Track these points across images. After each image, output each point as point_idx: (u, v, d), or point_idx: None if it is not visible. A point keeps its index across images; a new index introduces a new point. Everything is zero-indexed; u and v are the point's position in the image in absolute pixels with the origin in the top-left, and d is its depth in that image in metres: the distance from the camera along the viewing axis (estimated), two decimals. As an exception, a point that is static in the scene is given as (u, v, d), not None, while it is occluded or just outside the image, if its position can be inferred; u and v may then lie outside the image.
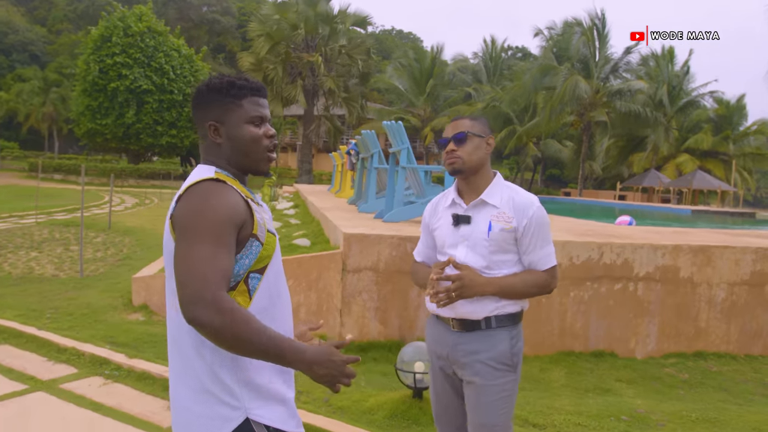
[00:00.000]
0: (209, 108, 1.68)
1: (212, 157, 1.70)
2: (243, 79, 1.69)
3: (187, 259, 1.45)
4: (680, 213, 21.44)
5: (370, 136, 8.85)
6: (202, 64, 39.72)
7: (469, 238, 2.31)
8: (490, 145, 2.38)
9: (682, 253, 6.01)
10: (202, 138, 1.72)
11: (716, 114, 42.75)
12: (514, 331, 2.34)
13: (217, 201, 1.52)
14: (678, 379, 5.57)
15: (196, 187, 1.55)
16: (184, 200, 1.55)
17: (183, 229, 1.50)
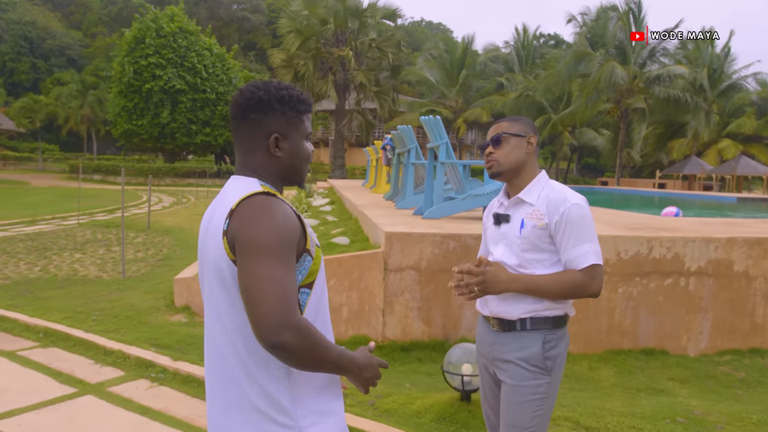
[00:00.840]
0: (271, 119, 1.59)
1: (260, 168, 1.61)
2: (302, 94, 1.65)
3: (262, 282, 1.36)
4: (725, 201, 20.84)
5: (407, 131, 8.74)
6: (233, 62, 40.06)
7: (506, 236, 2.31)
8: (531, 144, 2.34)
9: (737, 245, 5.77)
10: (252, 148, 1.61)
11: (759, 96, 41.50)
12: (551, 335, 2.27)
13: (280, 217, 1.46)
14: (734, 378, 5.36)
15: (251, 202, 1.47)
16: (241, 216, 1.45)
17: (250, 247, 1.41)
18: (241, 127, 1.61)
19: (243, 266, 1.40)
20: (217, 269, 1.49)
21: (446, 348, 5.44)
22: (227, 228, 1.46)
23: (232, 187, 1.57)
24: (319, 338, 1.39)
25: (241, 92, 1.61)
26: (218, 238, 1.48)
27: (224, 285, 1.49)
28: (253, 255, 1.39)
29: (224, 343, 1.52)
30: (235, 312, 1.49)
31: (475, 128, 46.17)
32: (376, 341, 5.47)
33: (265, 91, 1.58)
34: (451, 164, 7.00)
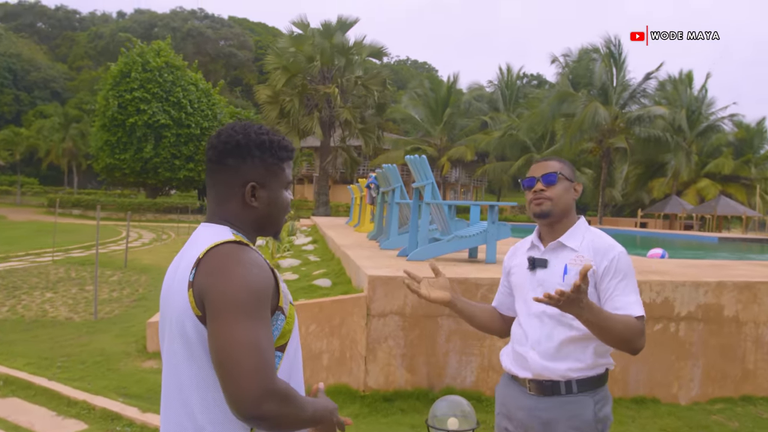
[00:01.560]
0: (249, 165, 1.45)
1: (232, 217, 1.46)
2: (284, 139, 1.51)
3: (238, 347, 1.22)
4: (707, 241, 20.91)
5: (392, 169, 8.62)
6: (219, 98, 40.12)
7: (543, 283, 2.11)
8: (577, 192, 2.21)
9: (726, 290, 5.65)
10: (227, 196, 1.46)
11: (736, 138, 42.28)
12: (599, 395, 2.09)
13: (254, 269, 1.32)
14: (728, 428, 5.17)
15: (220, 252, 1.33)
16: (210, 267, 1.30)
17: (222, 305, 1.26)
18: (216, 172, 1.47)
19: (215, 328, 1.25)
20: (179, 324, 1.34)
21: (431, 398, 5.21)
22: (193, 279, 1.31)
23: (201, 234, 1.43)
24: (298, 400, 1.30)
25: (218, 135, 1.48)
26: (183, 291, 1.33)
27: (186, 343, 1.33)
28: (226, 315, 1.24)
29: (180, 408, 1.35)
30: (195, 373, 1.33)
31: (459, 166, 46.49)
32: (358, 390, 5.23)
33: (244, 135, 1.45)
34: (436, 205, 6.86)
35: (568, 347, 2.07)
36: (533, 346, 2.11)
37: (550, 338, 2.08)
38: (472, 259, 7.18)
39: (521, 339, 2.17)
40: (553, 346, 2.07)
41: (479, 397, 5.19)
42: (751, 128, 43.31)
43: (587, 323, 1.92)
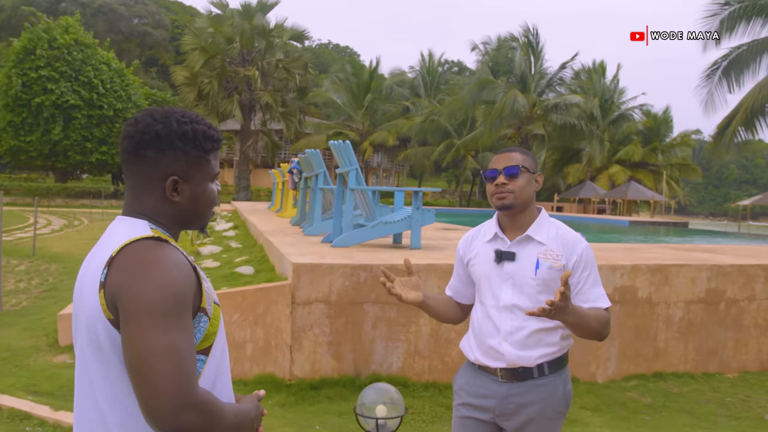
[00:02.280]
0: (170, 158, 1.32)
1: (151, 212, 1.34)
2: (210, 128, 1.37)
3: (154, 354, 1.10)
4: (619, 224, 21.89)
5: (315, 155, 8.49)
6: (133, 78, 38.41)
7: (514, 276, 2.14)
8: (538, 183, 2.24)
9: (641, 272, 5.90)
10: (145, 189, 1.33)
11: (645, 126, 44.36)
12: (564, 375, 2.20)
13: (173, 268, 1.20)
14: (642, 404, 5.42)
15: (135, 250, 1.21)
16: (123, 267, 1.19)
17: (136, 309, 1.14)
18: (133, 164, 1.33)
19: (129, 333, 1.13)
20: (90, 328, 1.21)
21: (357, 385, 5.18)
22: (105, 279, 1.19)
23: (116, 229, 1.31)
24: (220, 409, 1.18)
25: (135, 123, 1.33)
26: (94, 292, 1.21)
27: (98, 349, 1.21)
28: (140, 319, 1.13)
29: (94, 418, 1.23)
30: (109, 382, 1.21)
31: (381, 151, 46.59)
32: (284, 379, 5.13)
33: (164, 124, 1.31)
34: (361, 190, 6.79)
35: (540, 336, 2.13)
36: (506, 337, 2.14)
37: (522, 329, 2.13)
38: (397, 245, 7.18)
39: (492, 332, 2.17)
40: (525, 337, 2.12)
41: (406, 382, 5.20)
42: (658, 117, 45.55)
43: (569, 324, 2.02)
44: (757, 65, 19.76)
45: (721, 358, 6.27)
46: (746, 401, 5.61)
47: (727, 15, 19.59)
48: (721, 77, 20.04)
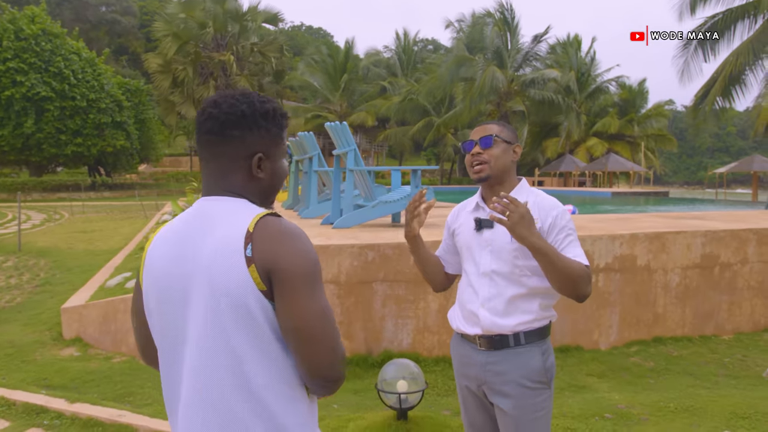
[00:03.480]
0: (255, 136, 1.38)
1: (240, 190, 1.39)
2: (281, 107, 1.45)
3: (320, 317, 1.27)
4: (602, 196, 22.19)
5: (308, 137, 8.47)
6: (105, 67, 37.63)
7: (492, 243, 2.17)
8: (516, 153, 2.26)
9: (639, 241, 6.02)
10: (231, 169, 1.38)
11: (621, 98, 44.77)
12: (545, 346, 2.19)
13: (307, 240, 1.34)
14: (645, 368, 5.57)
15: (272, 225, 1.29)
16: (270, 241, 1.26)
17: (298, 278, 1.26)
18: (217, 144, 1.38)
19: (291, 300, 1.25)
20: (235, 304, 1.25)
21: (370, 362, 5.26)
22: (252, 254, 1.25)
23: (216, 208, 1.35)
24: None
25: (217, 104, 1.37)
26: (238, 267, 1.25)
27: (250, 322, 1.25)
28: (301, 287, 1.26)
29: (237, 398, 1.27)
30: (262, 352, 1.27)
31: (360, 132, 46.42)
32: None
33: (248, 104, 1.37)
34: (360, 171, 6.82)
35: (516, 303, 2.13)
36: (483, 303, 2.17)
37: (500, 295, 2.14)
38: (396, 224, 7.23)
39: (471, 298, 2.21)
40: (502, 303, 2.14)
41: (417, 358, 5.28)
42: (633, 89, 45.98)
43: (539, 254, 1.96)
44: (731, 34, 20.01)
45: (716, 321, 6.45)
46: (743, 360, 5.80)
47: (701, -16, 19.78)
48: (697, 47, 20.27)
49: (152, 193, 33.82)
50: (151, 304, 1.36)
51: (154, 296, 1.35)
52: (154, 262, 1.36)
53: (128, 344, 5.85)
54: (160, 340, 1.37)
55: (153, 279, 1.35)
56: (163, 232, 1.39)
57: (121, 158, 38.03)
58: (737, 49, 19.52)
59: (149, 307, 1.38)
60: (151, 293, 1.36)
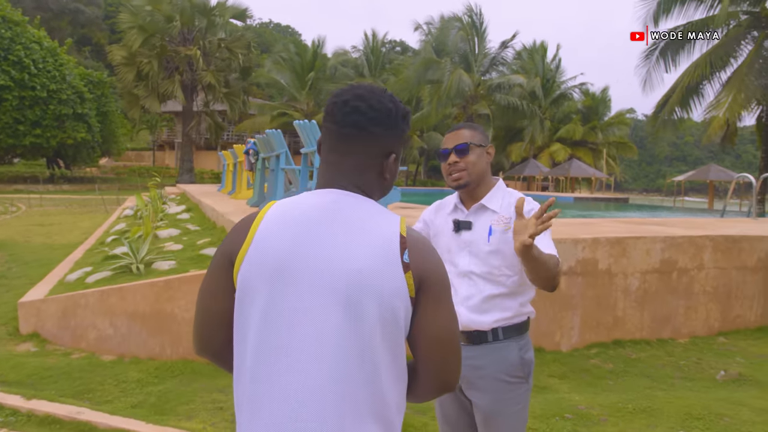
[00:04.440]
0: (392, 136, 1.39)
1: (369, 189, 1.37)
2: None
3: (455, 324, 1.33)
4: (564, 201, 22.55)
5: (276, 135, 8.43)
6: (67, 58, 36.76)
7: (470, 244, 2.23)
8: (490, 155, 2.32)
9: (600, 245, 6.15)
10: (366, 166, 1.37)
11: (584, 105, 45.61)
12: (522, 341, 2.25)
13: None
14: (604, 370, 5.69)
15: (417, 234, 1.33)
16: (421, 249, 1.29)
17: (443, 287, 1.31)
18: (359, 140, 1.36)
19: (441, 310, 1.29)
20: (386, 308, 1.21)
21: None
22: (409, 261, 1.25)
23: (356, 206, 1.31)
24: None
25: (363, 99, 1.35)
26: (395, 272, 1.23)
27: (395, 327, 1.22)
28: (448, 297, 1.32)
29: (370, 404, 1.21)
30: (397, 361, 1.26)
31: (328, 131, 46.25)
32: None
33: (393, 104, 1.38)
34: (327, 170, 6.81)
35: (495, 301, 2.20)
36: (462, 302, 2.22)
37: (478, 294, 2.20)
38: (363, 224, 7.24)
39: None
40: (481, 301, 2.20)
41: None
42: (597, 97, 46.88)
43: (528, 259, 1.95)
44: (691, 46, 20.58)
45: (673, 325, 6.63)
46: (698, 363, 5.97)
47: (663, -4, 20.29)
48: (658, 57, 20.79)
49: (113, 188, 33.16)
50: (254, 291, 1.24)
51: (266, 285, 1.23)
52: (270, 247, 1.24)
53: (88, 340, 5.73)
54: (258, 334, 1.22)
55: (267, 266, 1.23)
56: (281, 216, 1.29)
57: (82, 151, 37.16)
58: (696, 60, 20.09)
59: (247, 293, 1.24)
60: (261, 281, 1.23)
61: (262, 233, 1.26)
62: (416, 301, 1.26)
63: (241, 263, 1.26)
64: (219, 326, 1.32)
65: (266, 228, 1.27)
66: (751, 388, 5.26)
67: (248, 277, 1.24)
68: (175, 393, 4.72)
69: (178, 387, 4.83)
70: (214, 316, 1.33)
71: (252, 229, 1.28)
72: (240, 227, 1.32)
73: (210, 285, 1.33)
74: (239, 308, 1.26)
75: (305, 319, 1.20)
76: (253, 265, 1.24)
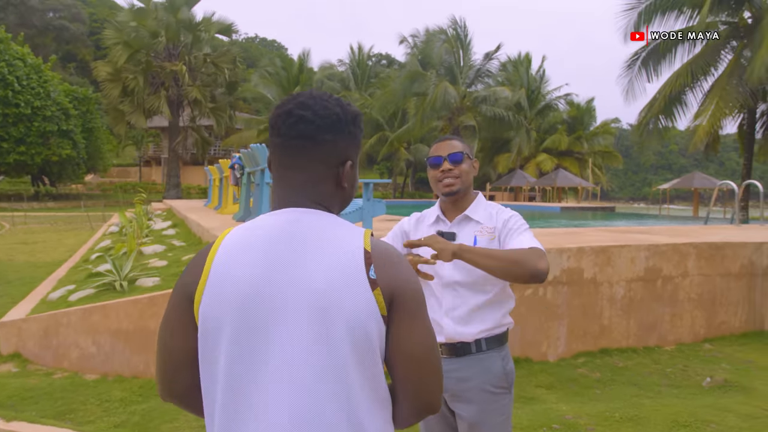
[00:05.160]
0: (346, 141, 1.30)
1: (326, 201, 1.29)
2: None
3: (432, 340, 1.24)
4: (551, 210, 22.67)
5: (261, 149, 8.41)
6: (51, 75, 36.61)
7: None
8: (475, 168, 2.37)
9: (585, 254, 6.17)
10: (321, 176, 1.28)
11: (569, 116, 45.98)
12: (503, 352, 2.28)
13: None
14: (592, 379, 5.69)
15: (384, 246, 1.24)
16: (389, 263, 1.21)
17: (419, 303, 1.23)
18: (308, 150, 1.26)
19: (414, 326, 1.21)
20: (356, 329, 1.13)
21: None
22: (376, 277, 1.16)
23: (313, 223, 1.22)
24: None
25: (307, 106, 1.26)
26: (361, 290, 1.14)
27: (368, 348, 1.15)
28: (422, 312, 1.24)
29: (341, 424, 1.14)
30: (373, 383, 1.18)
31: (315, 145, 46.29)
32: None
33: (341, 108, 1.29)
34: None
35: (478, 311, 2.22)
36: (447, 312, 2.23)
37: (463, 305, 2.22)
38: (349, 237, 7.22)
39: (434, 307, 2.26)
40: (465, 312, 2.21)
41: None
42: (582, 107, 47.26)
43: (473, 261, 2.06)
44: (672, 56, 20.83)
45: (659, 332, 6.64)
46: (685, 371, 5.98)
47: (644, 8, 20.54)
48: (640, 67, 21.02)
49: (99, 204, 32.92)
50: (218, 325, 1.16)
51: (229, 317, 1.15)
52: (229, 277, 1.16)
53: (70, 359, 5.66)
54: (227, 368, 1.15)
55: (228, 297, 1.15)
56: (237, 243, 1.20)
57: (67, 168, 36.94)
58: (678, 70, 20.33)
59: (210, 328, 1.16)
60: (223, 313, 1.15)
61: (219, 263, 1.18)
62: (389, 319, 1.18)
63: (201, 298, 1.17)
64: (183, 366, 1.23)
65: (223, 257, 1.18)
66: (737, 394, 5.28)
67: (209, 311, 1.16)
68: (159, 411, 4.66)
69: (162, 405, 4.78)
70: (176, 355, 1.23)
71: (208, 261, 1.19)
72: (196, 260, 1.23)
73: (170, 323, 1.24)
74: (204, 345, 1.18)
75: (273, 347, 1.13)
76: (212, 298, 1.16)
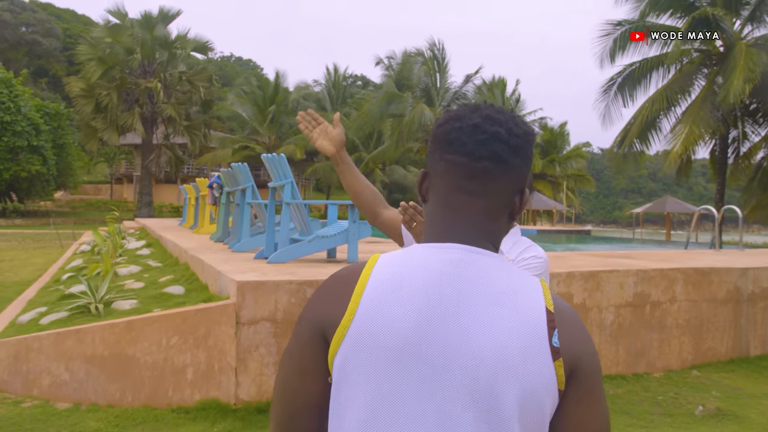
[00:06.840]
0: (529, 166, 1.10)
1: (497, 239, 1.08)
2: None
3: (607, 423, 1.02)
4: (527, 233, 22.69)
5: (243, 168, 8.22)
6: (23, 89, 35.93)
7: None
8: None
9: (575, 279, 6.09)
10: (501, 207, 1.07)
11: (543, 139, 46.56)
12: None
13: None
14: (583, 408, 5.57)
15: (568, 308, 1.03)
16: (574, 328, 1.00)
17: (599, 378, 1.02)
18: (494, 175, 1.04)
19: (596, 405, 1.00)
20: (526, 403, 0.95)
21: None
22: (560, 345, 0.96)
23: (490, 269, 1.01)
24: None
25: (499, 122, 1.05)
26: (542, 359, 0.96)
27: (536, 426, 0.97)
28: (601, 390, 1.02)
29: None
30: None
31: (291, 165, 46.17)
32: (229, 404, 4.88)
33: (529, 127, 1.09)
34: (296, 205, 6.63)
35: None
36: None
37: None
38: (332, 259, 7.06)
39: None
40: None
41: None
42: (555, 131, 47.92)
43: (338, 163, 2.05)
44: (647, 81, 21.20)
45: (647, 359, 6.57)
46: (676, 398, 5.90)
47: (619, 35, 20.90)
48: (616, 92, 21.33)
49: (68, 222, 32.18)
50: (358, 377, 0.98)
51: (372, 369, 0.97)
52: (382, 323, 0.97)
53: (41, 386, 5.36)
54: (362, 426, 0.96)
55: (376, 349, 0.97)
56: (393, 280, 1.00)
57: (36, 184, 36.09)
58: (652, 95, 20.68)
59: (349, 378, 0.98)
60: (367, 365, 0.97)
61: (370, 303, 0.98)
62: (564, 394, 0.98)
63: (341, 341, 0.98)
64: (310, 414, 1.05)
65: (374, 296, 0.99)
66: (731, 423, 5.21)
67: (351, 360, 0.98)
68: (137, 444, 4.41)
69: (139, 437, 4.52)
70: (304, 399, 1.05)
71: (355, 297, 1.00)
72: (336, 290, 1.03)
73: (298, 364, 1.05)
74: (336, 397, 1.00)
75: (426, 418, 0.95)
76: (359, 346, 0.97)
